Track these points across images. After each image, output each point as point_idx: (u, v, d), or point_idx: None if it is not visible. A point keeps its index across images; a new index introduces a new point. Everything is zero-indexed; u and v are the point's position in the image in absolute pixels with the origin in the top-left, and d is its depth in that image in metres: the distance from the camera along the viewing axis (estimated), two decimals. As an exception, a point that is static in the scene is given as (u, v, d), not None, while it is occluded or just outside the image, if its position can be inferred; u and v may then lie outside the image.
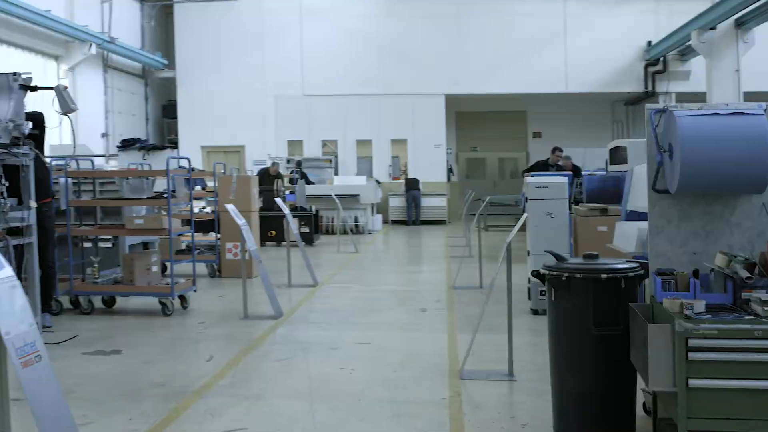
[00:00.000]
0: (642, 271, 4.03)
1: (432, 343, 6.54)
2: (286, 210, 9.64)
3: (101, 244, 9.01)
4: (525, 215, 5.59)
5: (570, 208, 8.32)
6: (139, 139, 19.72)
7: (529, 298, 7.86)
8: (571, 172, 14.70)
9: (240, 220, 7.41)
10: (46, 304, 7.15)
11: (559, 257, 4.14)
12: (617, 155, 8.82)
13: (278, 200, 9.77)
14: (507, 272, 5.56)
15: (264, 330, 7.01)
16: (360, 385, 5.23)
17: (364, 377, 5.42)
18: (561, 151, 12.66)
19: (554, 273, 4.05)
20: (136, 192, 8.66)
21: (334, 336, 6.79)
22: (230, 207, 7.56)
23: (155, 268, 8.01)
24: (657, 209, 4.00)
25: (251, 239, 7.58)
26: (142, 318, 7.71)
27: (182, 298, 8.00)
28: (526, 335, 6.76)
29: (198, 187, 12.91)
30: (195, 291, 8.26)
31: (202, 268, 10.93)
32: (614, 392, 4.04)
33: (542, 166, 12.19)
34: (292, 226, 9.67)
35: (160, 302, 7.71)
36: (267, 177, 16.22)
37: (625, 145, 8.38)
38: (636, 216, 6.81)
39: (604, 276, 3.92)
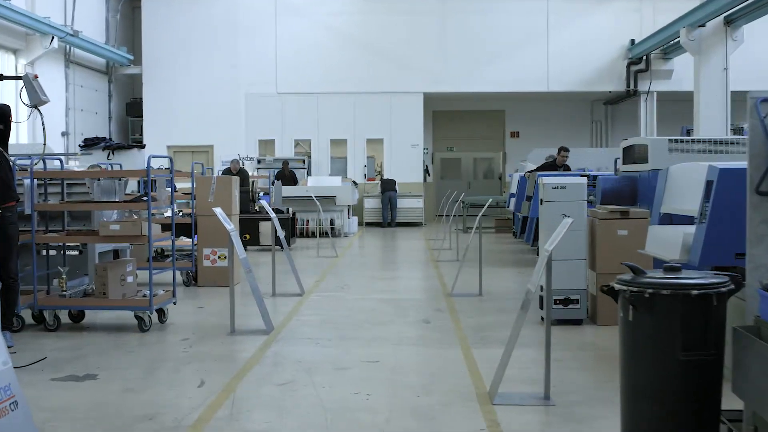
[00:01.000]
0: (733, 286, 3.40)
1: (447, 360, 5.85)
2: (272, 213, 8.88)
3: (68, 252, 8.16)
4: (569, 220, 4.91)
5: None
6: (104, 138, 18.70)
7: (541, 307, 7.21)
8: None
9: (229, 225, 6.65)
10: (7, 321, 6.30)
11: (637, 270, 3.48)
12: (633, 154, 8.24)
13: (263, 202, 8.99)
14: (547, 282, 4.87)
15: (256, 347, 6.26)
16: (382, 414, 4.51)
17: (384, 404, 4.71)
18: (567, 150, 12.14)
19: (634, 289, 3.38)
20: (108, 194, 7.83)
21: (338, 354, 6.06)
22: (218, 211, 6.79)
23: (131, 279, 7.20)
24: (760, 214, 3.36)
25: (240, 246, 6.82)
26: (116, 334, 6.89)
27: (160, 311, 7.21)
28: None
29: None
30: (175, 303, 7.46)
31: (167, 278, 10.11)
32: (699, 427, 3.40)
33: (550, 167, 11.70)
34: (279, 231, 8.91)
35: (137, 317, 6.90)
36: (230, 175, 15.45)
37: (645, 143, 7.79)
38: (669, 219, 6.21)
39: (695, 292, 3.27)
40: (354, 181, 21.06)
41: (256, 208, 14.88)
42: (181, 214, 10.94)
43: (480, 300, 8.58)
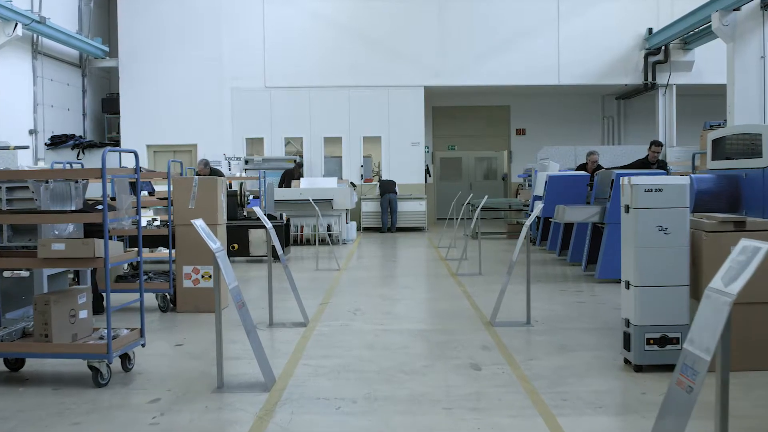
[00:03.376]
0: None
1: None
2: (268, 224, 7.08)
3: (6, 272, 6.38)
4: (764, 249, 3.14)
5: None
6: (72, 136, 16.81)
7: (627, 347, 5.48)
8: (589, 173, 12.51)
9: (214, 244, 4.86)
10: None
11: None
12: (728, 146, 6.53)
13: (256, 208, 7.21)
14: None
15: (253, 416, 4.49)
16: None
17: None
18: (660, 146, 10.47)
19: None
20: (60, 201, 6.04)
21: (373, 428, 4.30)
22: (199, 223, 4.99)
23: (84, 313, 5.40)
24: None
25: (230, 271, 5.03)
26: (64, 391, 5.10)
27: (125, 356, 5.43)
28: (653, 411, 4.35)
29: (144, 193, 10.28)
30: (143, 346, 5.67)
31: (150, 299, 8.32)
32: None
33: (642, 165, 10.08)
34: (277, 245, 7.13)
35: (90, 367, 5.12)
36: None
37: (755, 132, 6.09)
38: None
39: None
40: (352, 183, 19.33)
41: (245, 213, 13.10)
42: (156, 224, 9.14)
43: (531, 331, 6.85)
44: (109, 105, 21.32)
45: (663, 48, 20.06)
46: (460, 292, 9.26)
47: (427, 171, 21.94)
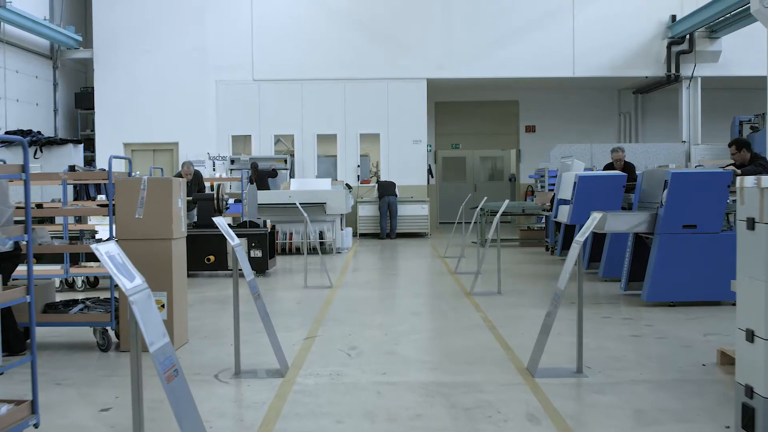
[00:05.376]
0: None
1: None
2: (233, 241, 5.27)
3: None
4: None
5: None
6: (29, 132, 15.01)
7: (750, 428, 3.72)
8: (624, 173, 10.77)
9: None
10: None
11: None
12: None
13: (219, 221, 5.42)
14: None
15: None
16: None
17: None
18: (747, 146, 8.85)
19: None
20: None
21: None
22: (106, 253, 3.18)
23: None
24: None
25: (159, 325, 3.23)
26: None
27: (6, 443, 3.65)
28: None
29: (102, 197, 8.49)
30: (36, 426, 3.88)
31: (84, 335, 6.55)
32: None
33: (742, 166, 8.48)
34: (245, 269, 5.35)
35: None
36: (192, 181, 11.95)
37: None
38: None
39: None
40: (347, 184, 17.59)
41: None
42: (97, 237, 7.35)
43: (586, 386, 5.08)
44: (84, 100, 19.58)
45: (687, 37, 18.34)
46: (479, 319, 7.48)
47: (430, 171, 20.19)
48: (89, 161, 19.37)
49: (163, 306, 6.16)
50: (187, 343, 6.46)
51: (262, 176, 16.41)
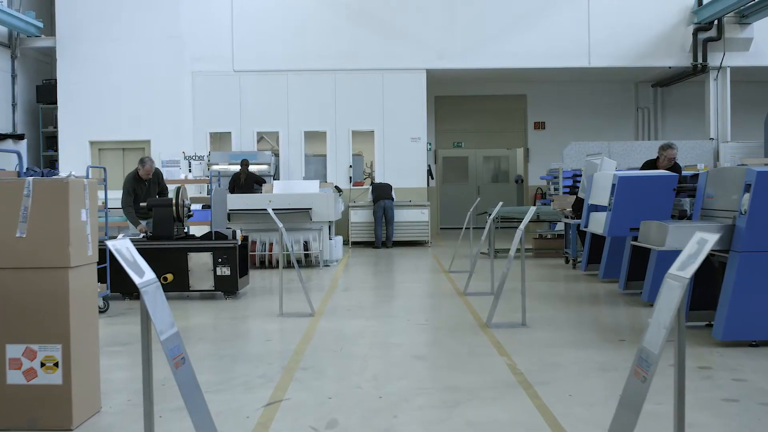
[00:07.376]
0: None
1: None
2: (138, 278, 3.36)
3: None
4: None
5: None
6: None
7: None
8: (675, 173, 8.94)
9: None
10: None
11: None
12: None
13: (109, 244, 3.49)
14: None
15: None
16: None
17: None
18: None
19: None
20: None
21: None
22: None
23: None
24: None
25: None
26: None
27: None
28: None
29: None
30: None
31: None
32: None
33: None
34: (160, 328, 3.43)
35: None
36: (140, 183, 10.01)
37: None
38: None
39: None
40: (337, 187, 15.74)
41: (185, 230, 9.44)
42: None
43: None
44: (46, 93, 17.71)
45: (715, 22, 16.53)
46: (505, 368, 5.56)
47: (430, 172, 18.33)
48: (51, 162, 17.51)
49: (56, 364, 4.25)
50: (97, 413, 4.53)
51: (251, 179, 14.61)
